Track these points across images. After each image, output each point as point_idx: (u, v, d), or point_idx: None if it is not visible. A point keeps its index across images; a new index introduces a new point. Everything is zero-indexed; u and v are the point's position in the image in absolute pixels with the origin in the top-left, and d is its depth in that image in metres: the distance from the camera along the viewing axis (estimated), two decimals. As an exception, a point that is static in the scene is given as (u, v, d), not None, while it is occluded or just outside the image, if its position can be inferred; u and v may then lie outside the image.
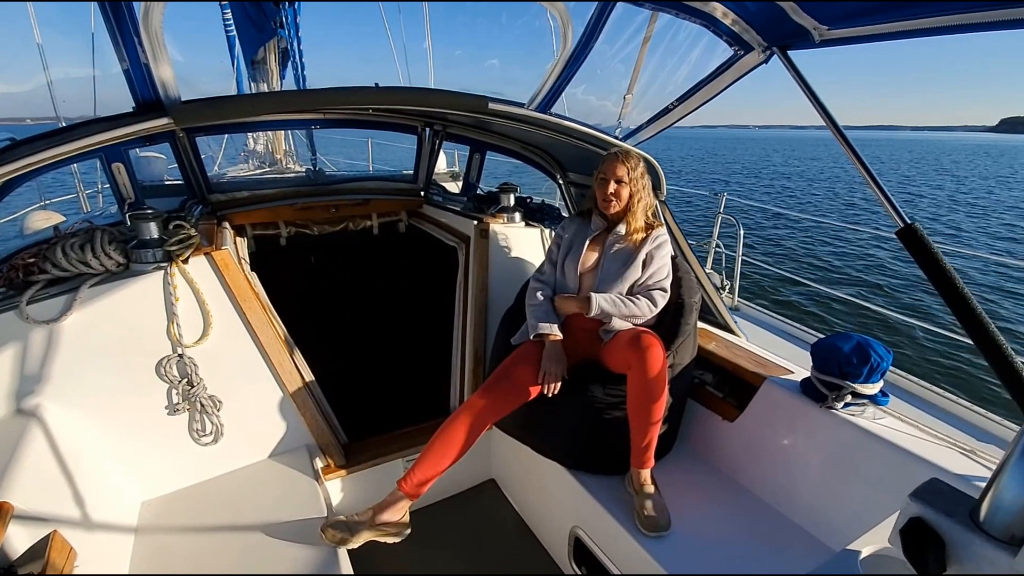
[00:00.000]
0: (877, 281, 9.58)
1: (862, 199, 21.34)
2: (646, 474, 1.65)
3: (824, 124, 1.46)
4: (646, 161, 1.94)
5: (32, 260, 1.62)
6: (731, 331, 2.29)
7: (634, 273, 1.78)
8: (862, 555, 0.82)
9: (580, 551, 1.79)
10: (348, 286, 3.21)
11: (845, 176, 32.04)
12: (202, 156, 2.52)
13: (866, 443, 1.50)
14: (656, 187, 2.17)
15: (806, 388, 1.70)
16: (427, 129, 2.88)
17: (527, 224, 2.59)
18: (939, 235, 14.34)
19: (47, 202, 4.93)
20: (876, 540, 0.84)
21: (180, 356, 1.69)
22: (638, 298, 1.76)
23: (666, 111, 2.04)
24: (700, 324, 2.14)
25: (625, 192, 1.78)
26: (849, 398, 1.58)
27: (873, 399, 1.59)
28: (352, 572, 1.48)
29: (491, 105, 1.89)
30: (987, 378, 5.40)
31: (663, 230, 1.85)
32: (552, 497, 1.94)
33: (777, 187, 27.30)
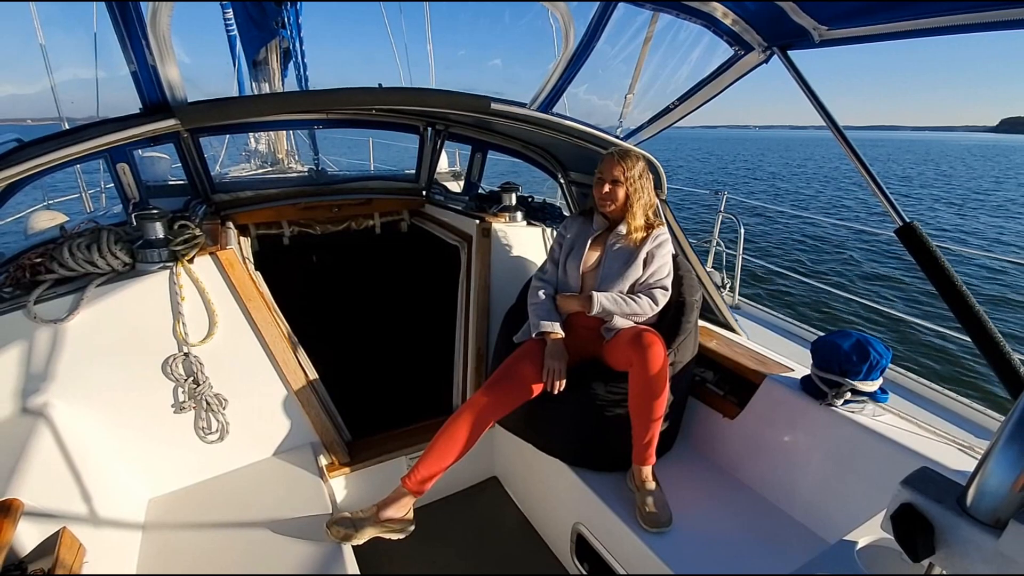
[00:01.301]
0: (877, 279, 9.59)
1: (858, 200, 21.32)
2: (648, 471, 1.67)
3: (824, 124, 1.48)
4: (647, 160, 1.95)
5: (39, 260, 1.63)
6: (732, 329, 2.30)
7: (635, 272, 1.80)
8: (858, 546, 0.84)
9: (582, 548, 1.81)
10: (351, 285, 3.22)
11: (844, 175, 32.03)
12: (205, 156, 2.53)
13: (865, 440, 1.51)
14: (657, 186, 2.18)
15: (806, 386, 1.72)
16: (429, 129, 2.89)
17: (529, 223, 2.60)
18: (936, 232, 14.34)
19: (50, 202, 4.95)
20: (872, 532, 0.86)
21: (186, 355, 1.71)
22: (639, 296, 1.78)
23: (667, 111, 2.05)
24: (701, 322, 2.15)
25: (621, 192, 1.79)
26: (849, 395, 1.59)
27: (873, 396, 1.60)
28: (356, 568, 1.49)
29: (493, 105, 1.90)
30: (985, 374, 5.41)
31: (664, 229, 1.86)
32: (554, 494, 1.95)
33: (775, 187, 27.29)
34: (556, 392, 1.68)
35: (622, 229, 1.83)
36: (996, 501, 0.61)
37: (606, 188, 1.79)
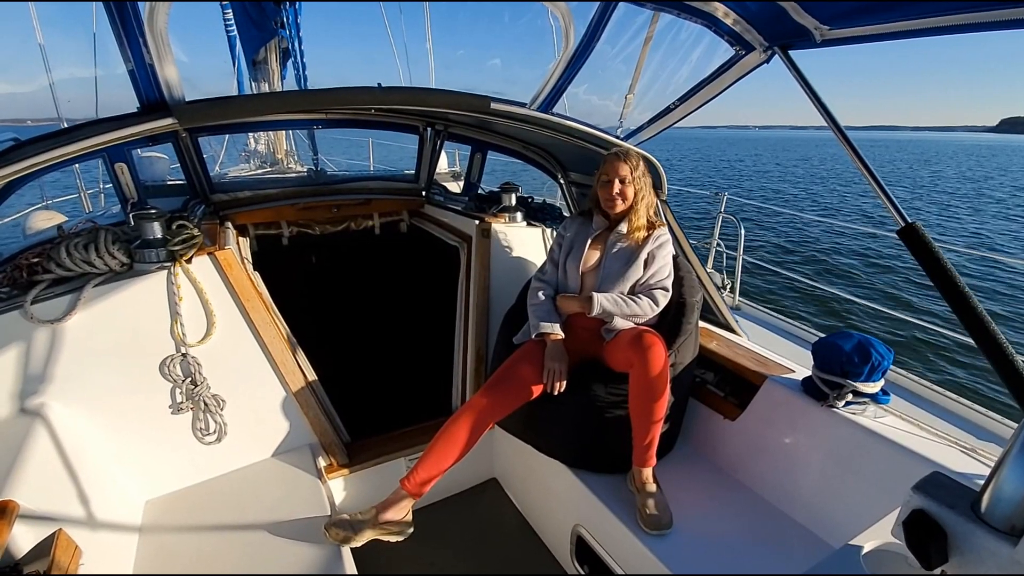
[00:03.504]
0: (878, 279, 9.58)
1: (860, 200, 21.32)
2: (648, 472, 1.66)
3: (825, 124, 1.47)
4: (646, 160, 1.95)
5: (36, 260, 1.63)
6: (732, 330, 2.30)
7: (636, 272, 1.79)
8: (864, 550, 0.83)
9: (582, 550, 1.80)
10: (350, 286, 3.22)
11: (841, 175, 32.06)
12: (204, 156, 2.53)
13: (867, 441, 1.50)
14: (657, 186, 2.18)
15: (807, 387, 1.71)
16: (428, 129, 2.89)
17: (529, 224, 2.59)
18: (938, 232, 14.34)
19: (49, 202, 4.94)
20: (877, 536, 0.85)
21: (184, 355, 1.70)
22: (640, 297, 1.77)
23: (667, 111, 2.04)
24: (701, 323, 2.14)
25: (630, 191, 1.79)
26: (850, 397, 1.59)
27: (874, 398, 1.59)
28: (355, 570, 1.48)
29: (493, 105, 1.89)
30: (988, 376, 5.40)
31: (664, 229, 1.86)
32: (554, 496, 1.94)
33: (774, 187, 27.31)
34: (556, 393, 1.67)
35: (622, 229, 1.82)
36: (1012, 508, 0.60)
37: (616, 187, 1.78)
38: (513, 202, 2.62)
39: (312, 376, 1.98)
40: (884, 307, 4.13)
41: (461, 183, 3.83)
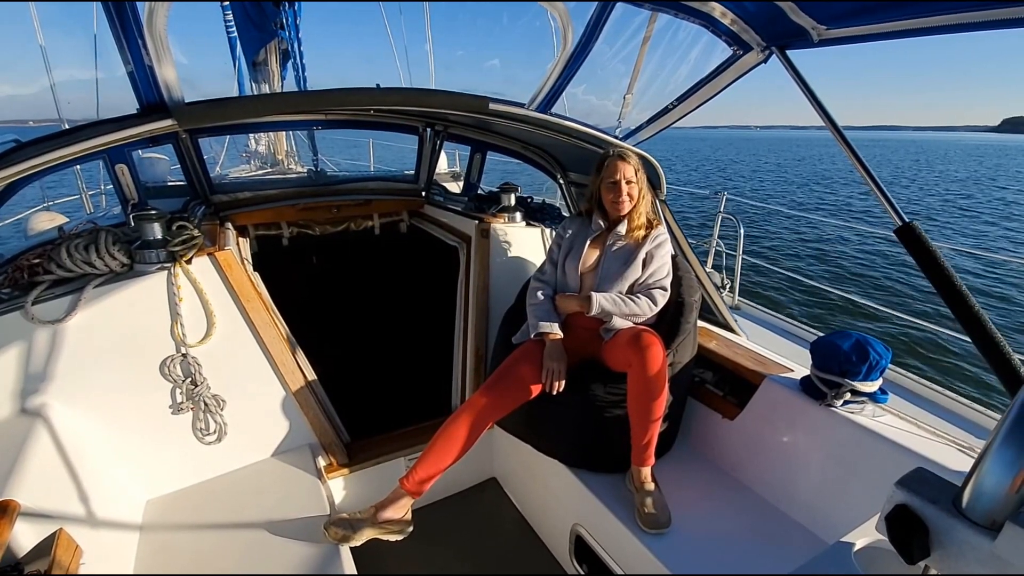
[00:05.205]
0: (876, 279, 9.58)
1: (860, 200, 21.31)
2: (647, 472, 1.66)
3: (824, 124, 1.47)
4: (643, 159, 1.95)
5: (37, 261, 1.63)
6: (731, 330, 2.30)
7: (634, 272, 1.79)
8: (856, 547, 0.83)
9: (581, 549, 1.80)
10: (350, 286, 3.22)
11: (840, 175, 32.05)
12: (204, 157, 2.53)
13: (865, 440, 1.50)
14: (656, 186, 2.18)
15: (806, 386, 1.71)
16: (428, 129, 2.89)
17: (528, 224, 2.59)
18: (937, 232, 14.33)
19: (50, 203, 4.96)
20: (870, 533, 0.85)
21: (184, 356, 1.71)
22: (638, 297, 1.77)
23: (666, 111, 2.05)
24: (700, 323, 2.15)
25: (635, 190, 1.81)
26: (848, 396, 1.59)
27: (872, 397, 1.60)
28: (354, 569, 1.49)
29: (491, 105, 1.90)
30: (985, 375, 5.40)
31: (663, 229, 1.86)
32: (553, 495, 1.94)
33: (775, 187, 27.31)
34: (555, 393, 1.68)
35: (621, 229, 1.83)
36: (992, 503, 0.60)
37: (624, 188, 1.79)
38: (512, 202, 2.63)
39: (312, 376, 1.98)
40: (883, 306, 4.13)
41: (461, 183, 3.84)
